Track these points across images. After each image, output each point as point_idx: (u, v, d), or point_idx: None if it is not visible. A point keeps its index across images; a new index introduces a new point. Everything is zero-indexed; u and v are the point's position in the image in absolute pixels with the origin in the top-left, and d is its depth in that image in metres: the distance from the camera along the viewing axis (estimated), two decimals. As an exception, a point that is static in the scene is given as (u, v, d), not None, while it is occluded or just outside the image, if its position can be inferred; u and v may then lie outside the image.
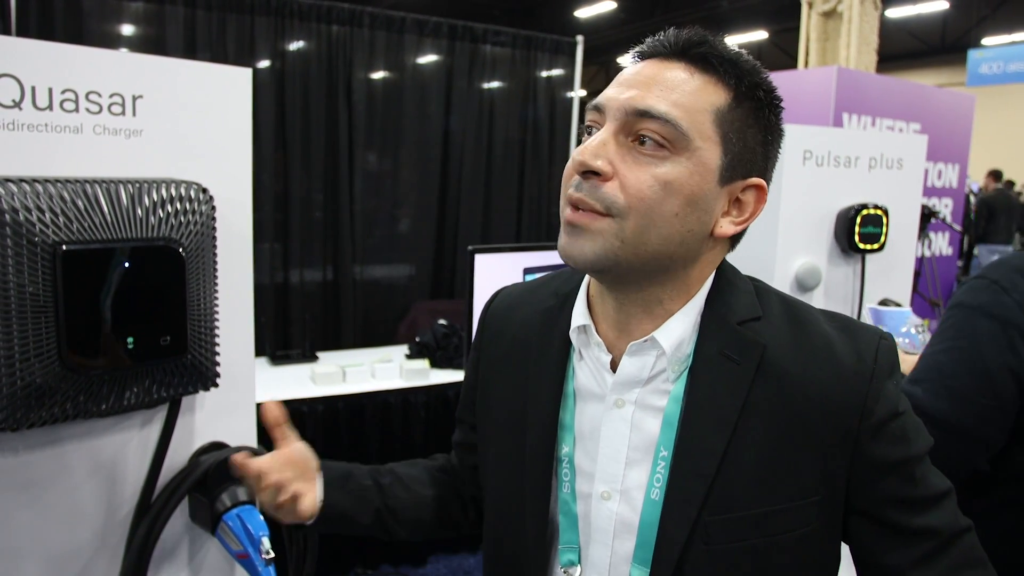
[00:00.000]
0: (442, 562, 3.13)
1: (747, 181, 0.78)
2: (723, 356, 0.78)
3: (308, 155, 3.73)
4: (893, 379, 0.79)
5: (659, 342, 0.79)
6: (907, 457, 0.77)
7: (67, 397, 1.12)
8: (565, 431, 0.85)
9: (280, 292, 3.68)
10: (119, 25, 3.32)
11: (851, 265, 2.52)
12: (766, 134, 0.78)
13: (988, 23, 13.87)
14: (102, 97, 1.21)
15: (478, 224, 4.26)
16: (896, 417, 0.77)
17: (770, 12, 13.87)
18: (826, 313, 0.84)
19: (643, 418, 0.80)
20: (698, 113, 0.74)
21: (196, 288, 1.23)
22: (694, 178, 0.74)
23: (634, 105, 0.73)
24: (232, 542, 1.32)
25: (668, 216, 0.73)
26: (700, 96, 0.74)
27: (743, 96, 0.76)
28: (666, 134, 0.73)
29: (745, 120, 0.76)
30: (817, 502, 0.76)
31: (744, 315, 0.80)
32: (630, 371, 0.81)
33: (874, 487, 0.77)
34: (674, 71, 0.75)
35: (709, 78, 0.75)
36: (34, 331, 1.06)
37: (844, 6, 6.27)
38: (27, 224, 1.04)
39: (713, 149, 0.74)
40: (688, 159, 0.73)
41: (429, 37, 4.01)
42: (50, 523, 1.23)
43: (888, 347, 0.80)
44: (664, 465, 0.78)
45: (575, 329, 0.85)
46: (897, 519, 0.77)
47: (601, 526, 0.82)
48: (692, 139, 0.73)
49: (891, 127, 3.88)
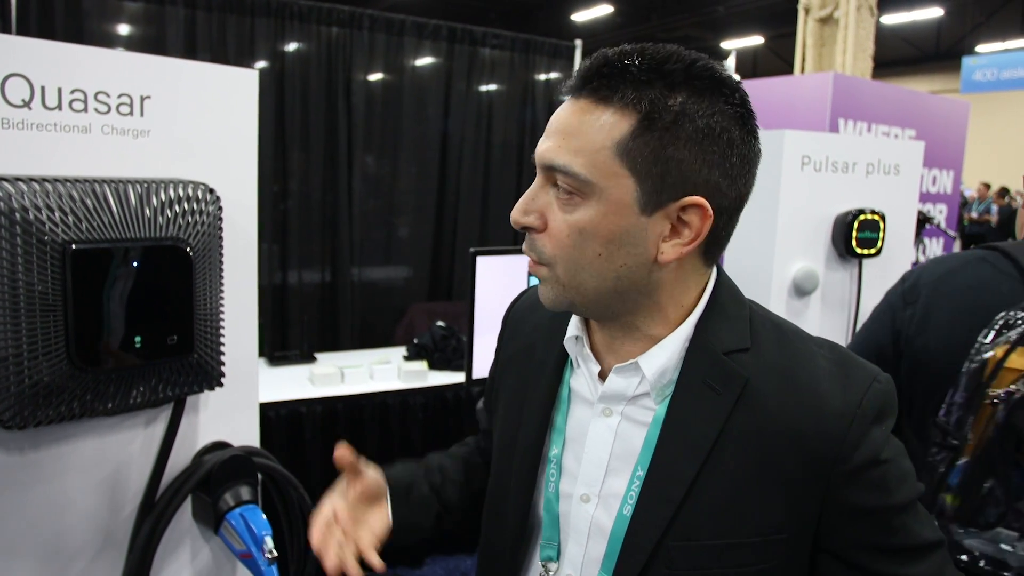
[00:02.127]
0: (439, 563, 3.13)
1: (682, 201, 0.73)
2: (705, 385, 0.77)
3: (307, 156, 3.73)
4: (882, 424, 0.76)
5: (642, 368, 0.79)
6: (884, 506, 0.74)
7: (74, 396, 1.12)
8: (556, 433, 0.88)
9: (278, 293, 3.68)
10: (119, 25, 3.32)
11: (848, 270, 2.53)
12: (697, 144, 0.72)
13: (982, 30, 13.97)
14: (110, 97, 1.21)
15: (476, 226, 4.26)
16: (876, 465, 0.74)
17: (766, 18, 13.94)
18: (827, 345, 0.81)
19: (627, 429, 0.81)
20: (597, 153, 0.72)
21: (203, 288, 1.24)
22: (608, 218, 0.73)
23: (543, 159, 0.76)
24: (235, 541, 1.33)
25: (591, 258, 0.75)
26: (599, 134, 0.72)
27: (655, 115, 0.71)
28: (571, 183, 0.73)
29: (660, 140, 0.71)
30: (784, 539, 0.75)
31: (731, 345, 0.78)
32: (616, 388, 0.82)
33: (847, 532, 0.75)
34: (577, 112, 0.74)
35: (608, 109, 0.72)
36: (42, 330, 1.07)
37: (840, 12, 6.31)
38: (36, 223, 1.05)
39: (623, 183, 0.72)
40: (598, 201, 0.73)
41: (428, 40, 4.02)
42: (55, 521, 1.23)
43: (880, 390, 0.76)
44: (638, 483, 0.79)
45: (569, 338, 0.87)
46: (871, 565, 0.75)
47: (578, 526, 0.84)
48: (595, 182, 0.72)
49: (886, 133, 3.91)
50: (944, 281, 1.34)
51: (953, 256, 1.43)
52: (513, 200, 3.17)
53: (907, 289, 1.37)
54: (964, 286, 1.32)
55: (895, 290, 1.41)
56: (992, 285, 1.29)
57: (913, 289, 1.36)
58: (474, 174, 4.23)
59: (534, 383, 0.91)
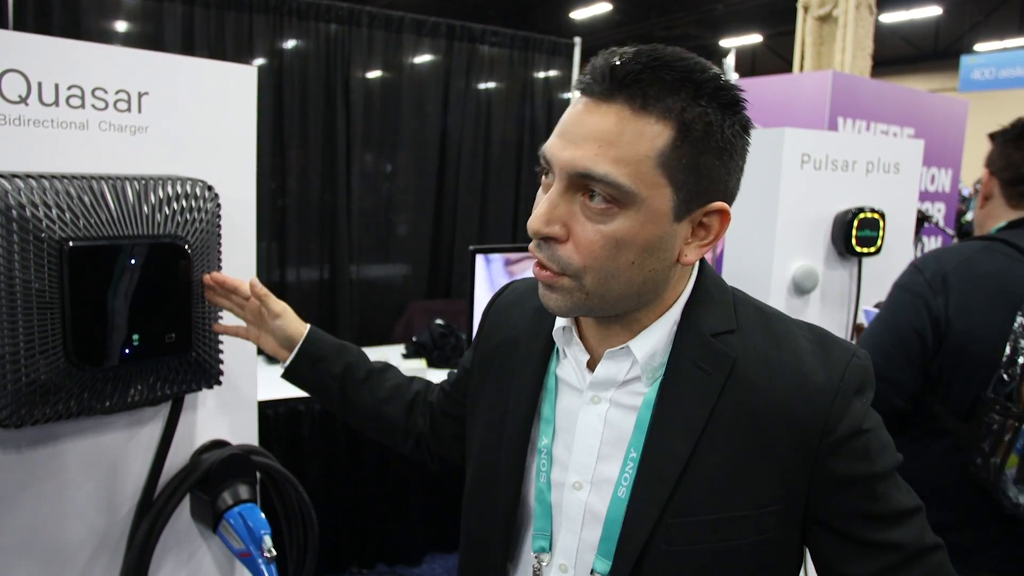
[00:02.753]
0: (438, 561, 3.13)
1: (707, 207, 0.77)
2: (695, 366, 0.80)
3: (305, 154, 3.72)
4: (862, 396, 0.80)
5: (633, 352, 0.82)
6: (869, 474, 0.78)
7: (71, 394, 1.12)
8: (545, 423, 0.89)
9: (277, 291, 3.62)
10: (116, 22, 3.31)
11: (848, 268, 2.53)
12: (721, 153, 0.75)
13: (980, 29, 13.97)
14: (108, 94, 1.21)
15: (475, 224, 4.26)
16: (860, 434, 0.78)
17: (765, 16, 13.92)
18: (806, 327, 0.85)
19: (617, 415, 0.84)
20: (640, 163, 0.71)
21: (201, 286, 1.23)
22: (646, 227, 0.73)
23: (575, 166, 0.72)
24: (234, 540, 1.32)
25: (624, 267, 0.75)
26: (640, 144, 0.71)
27: (689, 126, 0.72)
28: (611, 193, 0.72)
29: (695, 149, 0.73)
30: (776, 511, 0.78)
31: (718, 328, 0.81)
32: (606, 374, 0.84)
33: (834, 501, 0.79)
34: (609, 117, 0.72)
35: (649, 118, 0.72)
36: (39, 328, 1.06)
37: (840, 11, 6.31)
38: (33, 220, 1.04)
39: (662, 193, 0.73)
40: (637, 211, 0.73)
41: (427, 37, 4.01)
42: (52, 520, 1.23)
43: (859, 365, 0.80)
44: (632, 466, 0.81)
45: (558, 329, 0.88)
46: (857, 532, 0.79)
47: (571, 514, 0.85)
48: (638, 193, 0.72)
49: (885, 132, 3.91)
50: (968, 270, 1.45)
51: (956, 247, 1.53)
52: (512, 198, 3.19)
53: (931, 279, 1.46)
54: (987, 273, 1.45)
55: (916, 280, 1.49)
56: (1010, 271, 1.43)
57: (938, 278, 1.46)
58: (473, 172, 4.22)
59: (520, 374, 0.92)
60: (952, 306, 1.44)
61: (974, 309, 1.43)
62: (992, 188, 1.61)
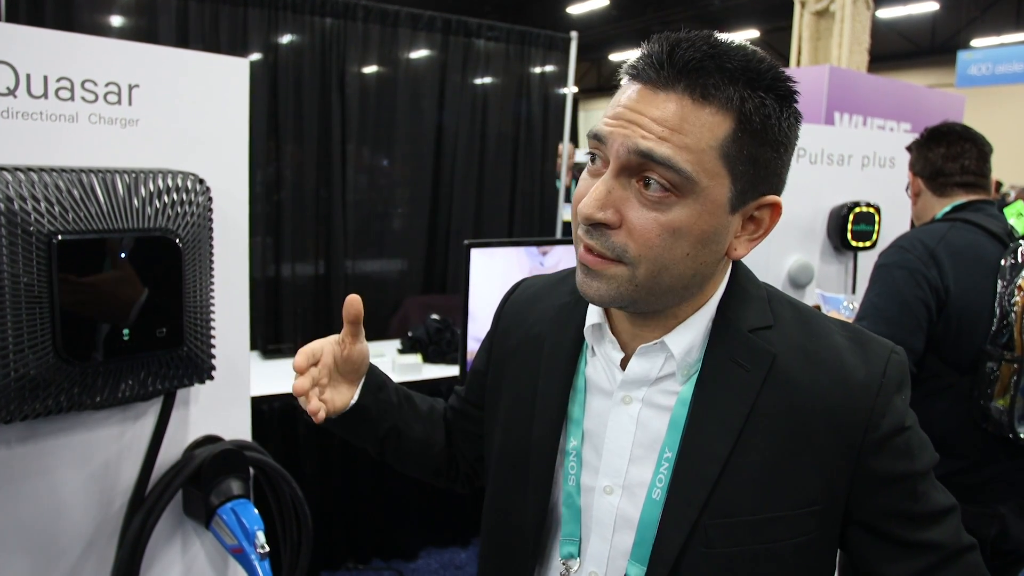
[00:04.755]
0: (433, 556, 3.13)
1: (760, 200, 0.75)
2: (733, 362, 0.78)
3: (300, 148, 3.70)
4: (901, 393, 0.79)
5: (669, 347, 0.79)
6: (910, 472, 0.77)
7: (61, 389, 1.11)
8: (574, 425, 0.86)
9: (272, 286, 3.65)
10: (110, 15, 3.28)
11: (843, 263, 2.53)
12: (777, 146, 0.74)
13: (977, 24, 13.97)
14: (98, 86, 1.20)
15: (470, 219, 4.24)
16: (902, 431, 0.77)
17: (762, 11, 13.91)
18: (839, 323, 0.84)
19: (649, 416, 0.81)
20: (703, 152, 0.70)
21: (192, 280, 1.22)
22: (704, 218, 0.71)
23: (636, 147, 0.70)
24: (226, 536, 1.32)
25: (679, 258, 0.72)
26: (704, 132, 0.70)
27: (749, 117, 0.71)
28: (671, 179, 0.69)
29: (753, 141, 0.72)
30: (818, 511, 0.76)
31: (756, 323, 0.80)
32: (639, 371, 0.81)
33: (875, 500, 0.77)
34: (671, 103, 0.70)
35: (711, 108, 0.70)
36: (28, 322, 1.05)
37: (836, 5, 6.30)
38: (22, 213, 1.03)
39: (721, 184, 0.71)
40: (695, 201, 0.71)
41: (423, 31, 3.99)
42: (43, 515, 1.22)
43: (898, 361, 0.79)
44: (668, 466, 0.78)
45: (590, 327, 0.85)
46: (897, 532, 0.77)
47: (602, 520, 0.82)
48: (699, 181, 0.70)
49: (882, 127, 3.91)
50: (949, 244, 1.74)
51: (926, 229, 1.83)
52: (508, 193, 3.17)
53: (920, 255, 1.73)
54: (965, 246, 1.74)
55: (906, 258, 1.74)
56: (980, 244, 1.75)
57: (927, 254, 1.73)
58: (469, 166, 4.20)
59: (546, 375, 0.89)
60: (947, 276, 1.69)
61: (963, 276, 1.70)
62: (919, 186, 1.96)
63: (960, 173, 1.88)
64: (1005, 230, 1.80)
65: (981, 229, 1.77)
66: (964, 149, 1.89)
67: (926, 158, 1.93)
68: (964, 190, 1.89)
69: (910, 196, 2.03)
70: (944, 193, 1.91)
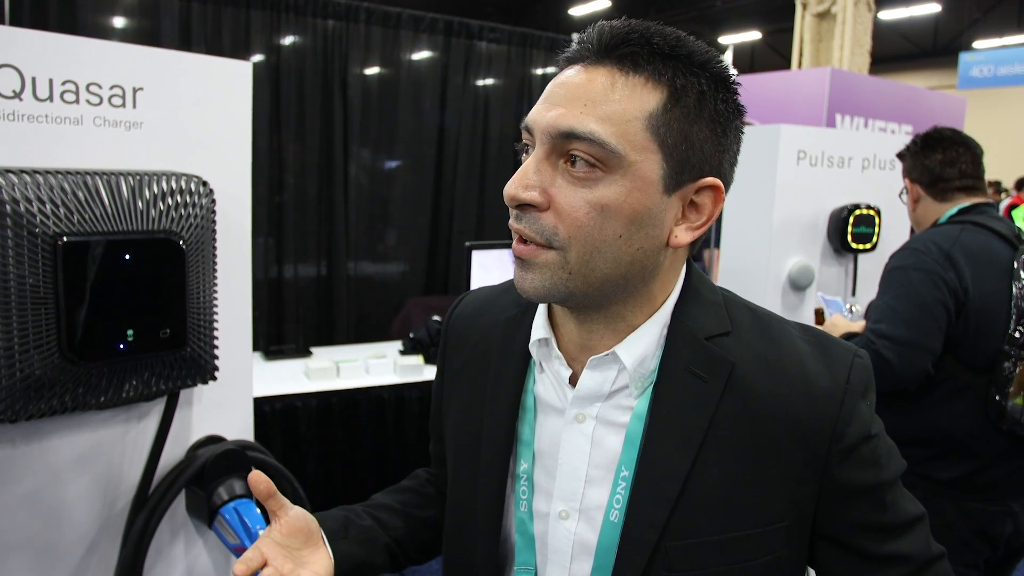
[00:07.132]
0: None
1: (699, 182, 0.71)
2: (689, 373, 0.74)
3: (303, 150, 3.72)
4: (867, 399, 0.75)
5: (620, 358, 0.75)
6: (878, 482, 0.74)
7: (66, 389, 1.12)
8: (524, 447, 0.81)
9: (274, 287, 3.67)
10: (113, 17, 3.30)
11: (843, 265, 2.54)
12: (715, 126, 0.70)
13: (979, 26, 13.97)
14: (103, 89, 1.20)
15: (472, 221, 4.25)
16: (868, 440, 0.74)
17: (764, 12, 13.92)
18: (799, 327, 0.80)
19: (604, 434, 0.76)
20: (628, 124, 0.67)
21: (196, 281, 1.23)
22: (633, 195, 0.68)
23: (558, 126, 0.68)
24: (229, 535, 1.33)
25: (611, 239, 0.68)
26: (629, 104, 0.67)
27: (681, 91, 0.68)
28: (595, 154, 0.67)
29: (687, 117, 0.69)
30: (784, 527, 0.73)
31: (712, 330, 0.75)
32: (590, 385, 0.76)
33: (843, 512, 0.74)
34: (599, 78, 0.68)
35: (638, 79, 0.68)
36: (34, 323, 1.06)
37: (838, 7, 6.30)
38: (27, 215, 1.04)
39: (651, 159, 0.68)
40: (623, 176, 0.67)
41: (425, 33, 4.00)
42: (46, 515, 1.23)
43: (862, 365, 0.76)
44: (625, 486, 0.74)
45: (535, 341, 0.80)
46: (866, 545, 0.75)
47: (558, 547, 0.78)
48: (625, 155, 0.67)
49: (883, 128, 3.91)
50: (964, 247, 1.76)
51: (939, 232, 1.84)
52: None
53: (937, 257, 1.75)
54: (979, 249, 1.77)
55: (923, 260, 1.76)
56: (991, 246, 1.78)
57: (943, 256, 1.75)
58: (470, 168, 4.21)
59: (493, 394, 0.84)
60: (965, 277, 1.72)
61: (979, 278, 1.73)
62: (918, 192, 1.98)
63: (959, 177, 1.91)
64: (1013, 232, 1.83)
65: (991, 231, 1.80)
66: (959, 154, 1.92)
67: (923, 165, 1.96)
68: (965, 193, 1.92)
69: (905, 202, 2.05)
70: (945, 198, 1.94)
